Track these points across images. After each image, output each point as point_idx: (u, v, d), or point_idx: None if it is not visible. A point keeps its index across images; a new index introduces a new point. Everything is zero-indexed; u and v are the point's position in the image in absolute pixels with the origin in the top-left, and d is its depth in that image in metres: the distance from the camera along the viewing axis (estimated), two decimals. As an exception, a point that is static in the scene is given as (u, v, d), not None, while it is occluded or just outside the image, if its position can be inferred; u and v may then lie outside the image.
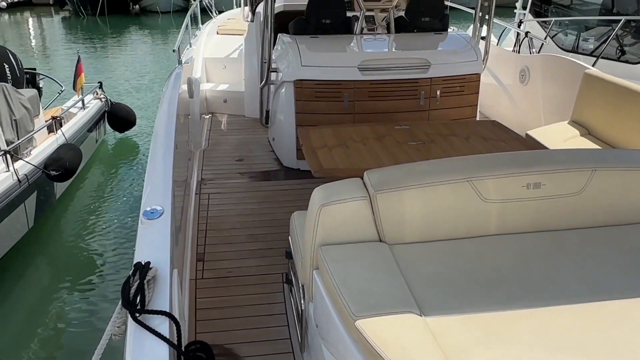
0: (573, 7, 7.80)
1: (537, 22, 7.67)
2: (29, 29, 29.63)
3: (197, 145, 5.48)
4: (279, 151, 5.19)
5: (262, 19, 6.14)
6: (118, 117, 8.43)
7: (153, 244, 2.31)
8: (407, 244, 2.30)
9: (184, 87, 5.13)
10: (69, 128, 6.66)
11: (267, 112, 5.32)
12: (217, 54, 7.29)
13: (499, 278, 2.05)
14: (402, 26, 5.31)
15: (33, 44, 23.10)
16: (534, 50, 6.21)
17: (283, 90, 4.82)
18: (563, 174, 2.35)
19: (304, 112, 4.69)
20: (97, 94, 8.24)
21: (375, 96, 4.68)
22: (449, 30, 5.53)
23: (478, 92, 4.97)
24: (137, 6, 34.55)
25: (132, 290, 1.92)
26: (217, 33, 8.33)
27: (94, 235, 5.89)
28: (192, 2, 9.66)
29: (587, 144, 4.25)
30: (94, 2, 31.02)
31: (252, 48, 6.27)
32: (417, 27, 5.32)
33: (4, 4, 35.99)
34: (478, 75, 4.91)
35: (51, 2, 38.09)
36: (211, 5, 9.58)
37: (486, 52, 5.29)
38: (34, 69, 8.35)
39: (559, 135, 4.39)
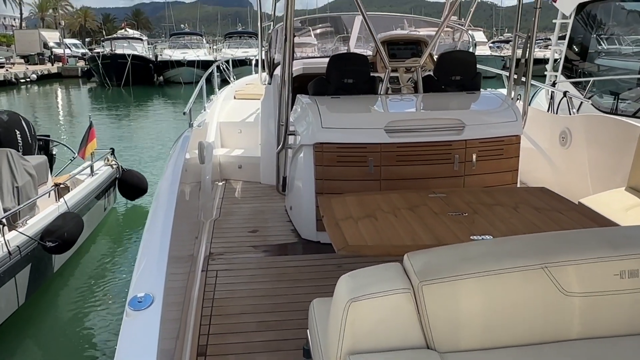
0: (607, 69, 7.41)
1: (571, 83, 7.25)
2: (57, 99, 30.50)
3: (207, 215, 5.00)
4: (296, 221, 4.67)
5: (279, 81, 5.82)
6: (129, 184, 8.08)
7: (137, 343, 1.79)
8: (464, 352, 1.72)
9: (195, 151, 4.73)
10: (73, 196, 6.27)
11: (284, 178, 4.86)
12: (232, 117, 6.96)
13: None
14: (430, 85, 4.90)
15: (59, 113, 23.55)
16: (574, 110, 5.74)
17: (301, 154, 4.37)
18: None
19: (325, 179, 4.21)
20: (108, 160, 7.94)
21: (404, 160, 4.19)
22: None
23: (518, 156, 4.46)
24: (162, 77, 35.68)
25: None
26: (234, 98, 8.07)
27: (91, 318, 5.29)
28: (215, 59, 9.52)
29: None
30: (119, 73, 32.02)
31: (269, 111, 5.91)
32: (447, 87, 4.91)
33: (34, 76, 37.46)
34: (518, 137, 4.42)
35: (79, 75, 39.62)
36: (229, 70, 9.41)
37: (524, 113, 4.82)
38: (48, 136, 8.15)
39: (617, 205, 3.81)
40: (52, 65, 42.15)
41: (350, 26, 7.58)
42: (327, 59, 5.19)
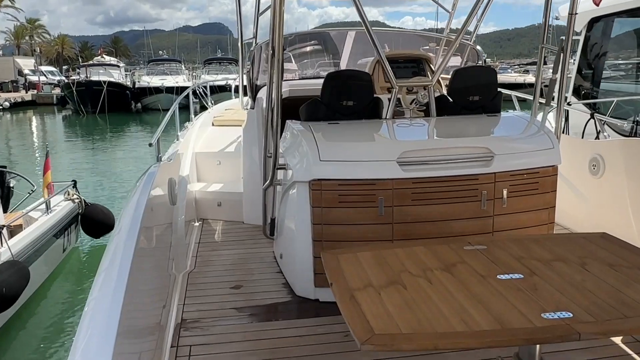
0: (623, 90, 6.77)
1: (584, 104, 6.59)
2: (28, 127, 29.32)
3: (180, 266, 4.11)
4: (289, 274, 3.82)
5: (264, 104, 5.03)
6: (93, 220, 7.18)
7: None
8: None
9: (163, 189, 3.88)
10: (20, 240, 5.33)
11: (273, 220, 4.02)
12: (210, 147, 6.11)
13: None
14: (445, 107, 4.14)
15: (28, 142, 22.41)
16: (605, 134, 5.04)
17: (294, 192, 3.55)
18: None
19: (324, 223, 3.38)
20: (68, 194, 7.01)
21: (421, 199, 3.39)
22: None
23: (555, 190, 3.70)
24: (139, 104, 34.73)
25: None
26: (213, 124, 7.23)
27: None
28: (194, 85, 8.68)
29: None
30: (94, 101, 31.01)
31: (253, 139, 5.10)
32: (464, 108, 4.15)
33: (6, 103, 36.22)
34: (555, 168, 3.67)
35: (54, 102, 38.45)
36: (206, 95, 8.57)
37: (557, 138, 4.09)
38: (4, 167, 7.28)
39: None
40: (27, 92, 41.09)
41: (339, 44, 6.86)
42: (316, 80, 4.43)
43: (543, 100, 4.37)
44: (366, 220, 3.37)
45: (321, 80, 4.28)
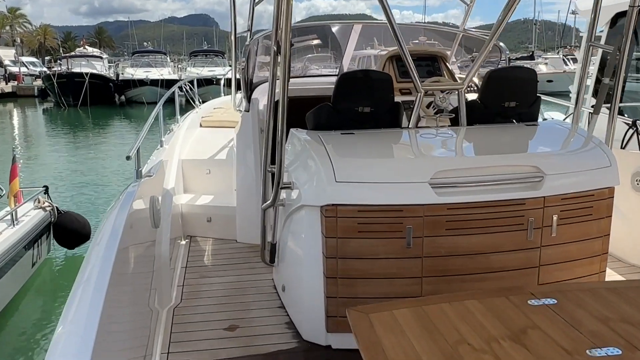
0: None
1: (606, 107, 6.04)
2: (8, 120, 28.20)
3: (163, 300, 3.48)
4: (294, 312, 3.21)
5: (262, 107, 4.40)
6: (67, 229, 6.52)
7: None
8: None
9: (143, 210, 3.25)
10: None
11: (274, 245, 3.41)
12: (198, 153, 5.45)
13: None
14: (475, 114, 3.55)
15: (6, 138, 21.45)
16: None
17: (302, 218, 2.94)
18: None
19: (339, 257, 2.78)
20: (39, 201, 6.31)
21: (457, 228, 2.80)
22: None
23: (611, 216, 3.13)
24: (123, 97, 33.80)
25: None
26: (201, 126, 6.57)
27: None
28: (180, 79, 8.01)
29: None
30: (76, 93, 29.98)
31: (247, 146, 4.48)
32: (499, 116, 3.57)
33: (-16, 96, 35.00)
34: (612, 190, 3.09)
35: (35, 94, 37.31)
36: (194, 93, 7.87)
37: None
38: None
39: None
40: (7, 84, 39.87)
41: (340, 39, 6.24)
42: (316, 79, 3.79)
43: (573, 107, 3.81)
44: (391, 254, 2.77)
45: (321, 79, 3.66)
